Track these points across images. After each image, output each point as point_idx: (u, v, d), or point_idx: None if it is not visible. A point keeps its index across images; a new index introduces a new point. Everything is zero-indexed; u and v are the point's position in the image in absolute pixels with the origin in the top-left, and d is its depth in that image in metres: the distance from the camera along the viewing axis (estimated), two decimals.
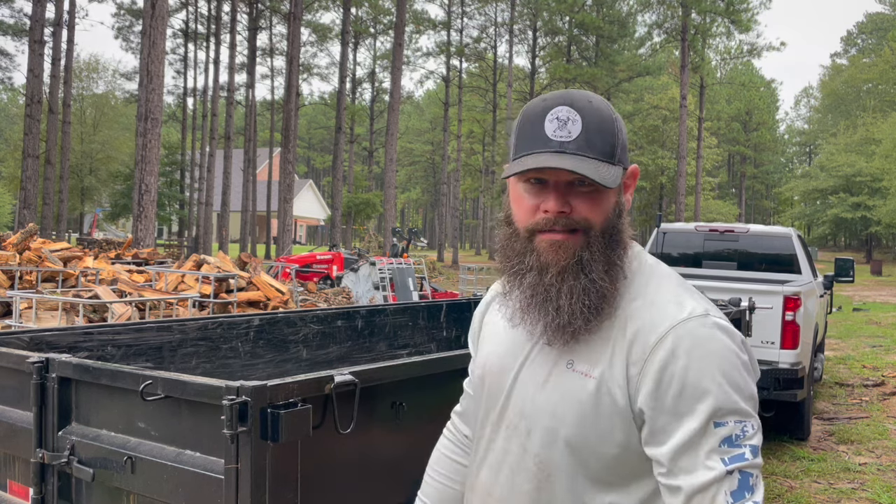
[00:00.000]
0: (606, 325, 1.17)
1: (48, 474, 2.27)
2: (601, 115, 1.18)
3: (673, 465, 1.09)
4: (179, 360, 3.43)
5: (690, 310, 1.14)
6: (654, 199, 48.76)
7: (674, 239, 7.97)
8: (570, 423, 1.16)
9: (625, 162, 1.21)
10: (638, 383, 1.12)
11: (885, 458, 6.19)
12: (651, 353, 1.11)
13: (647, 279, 1.21)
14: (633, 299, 1.18)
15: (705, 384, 1.09)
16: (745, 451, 1.08)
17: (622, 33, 41.32)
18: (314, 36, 45.30)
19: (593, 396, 1.14)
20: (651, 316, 1.15)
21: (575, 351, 1.18)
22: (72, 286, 8.25)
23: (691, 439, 1.08)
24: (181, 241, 39.47)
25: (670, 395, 1.09)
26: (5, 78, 36.12)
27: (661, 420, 1.10)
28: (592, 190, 1.16)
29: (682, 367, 1.09)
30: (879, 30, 66.70)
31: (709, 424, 1.08)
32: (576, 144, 1.14)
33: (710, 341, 1.11)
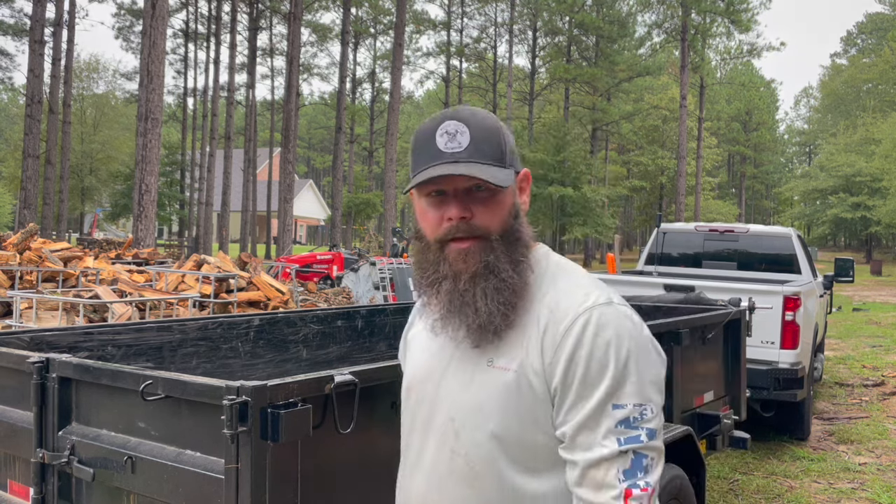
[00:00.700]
0: (520, 321, 1.24)
1: (48, 474, 2.27)
2: (486, 124, 1.27)
3: (572, 441, 1.17)
4: (179, 360, 3.43)
5: (595, 298, 1.23)
6: (654, 199, 48.77)
7: (674, 239, 7.97)
8: (495, 416, 1.22)
9: (516, 166, 1.32)
10: (552, 370, 1.19)
11: (885, 458, 6.19)
12: (561, 341, 1.19)
13: (556, 274, 1.30)
14: (545, 294, 1.26)
15: (607, 368, 1.16)
16: (640, 434, 1.15)
17: (622, 33, 41.31)
18: (314, 36, 45.30)
19: (514, 388, 1.21)
20: (560, 307, 1.22)
21: (493, 349, 1.25)
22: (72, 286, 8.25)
23: (590, 419, 1.15)
24: (181, 241, 39.47)
25: (577, 378, 1.17)
26: (5, 78, 36.12)
27: (567, 401, 1.18)
28: (489, 195, 1.25)
29: (588, 352, 1.17)
30: (879, 30, 66.68)
31: (607, 406, 1.15)
32: (467, 153, 1.23)
33: (612, 327, 1.19)
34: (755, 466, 5.93)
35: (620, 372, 1.16)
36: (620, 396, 1.16)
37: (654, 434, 1.17)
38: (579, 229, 34.38)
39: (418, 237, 1.32)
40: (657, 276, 7.26)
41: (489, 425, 1.22)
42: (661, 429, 1.19)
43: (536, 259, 1.31)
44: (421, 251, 1.31)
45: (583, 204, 34.16)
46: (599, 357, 1.17)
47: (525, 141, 39.24)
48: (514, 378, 1.21)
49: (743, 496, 5.25)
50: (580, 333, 1.18)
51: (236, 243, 44.86)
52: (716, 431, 4.07)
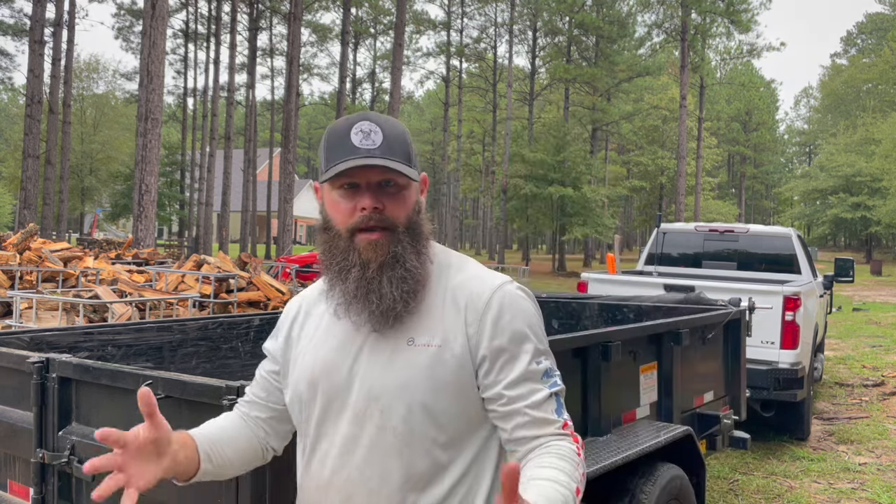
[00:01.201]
0: (432, 302, 1.40)
1: (48, 474, 2.27)
2: (396, 128, 1.40)
3: (511, 393, 1.35)
4: (179, 360, 3.43)
5: (502, 279, 1.42)
6: (654, 199, 48.76)
7: (674, 239, 7.97)
8: (423, 389, 1.34)
9: (418, 167, 1.44)
10: (478, 339, 1.36)
11: (885, 458, 6.19)
12: (483, 313, 1.37)
13: (460, 263, 1.47)
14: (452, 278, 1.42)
15: (526, 332, 1.38)
16: (556, 380, 1.39)
17: (622, 33, 41.29)
18: (314, 36, 45.31)
19: (439, 360, 1.35)
20: (476, 286, 1.40)
21: (411, 330, 1.38)
22: (72, 286, 8.25)
23: (524, 374, 1.36)
24: (181, 242, 39.47)
25: (505, 341, 1.36)
26: (5, 78, 36.15)
27: (498, 363, 1.36)
28: (397, 191, 1.38)
29: (509, 319, 1.37)
30: (879, 30, 66.69)
31: (532, 363, 1.37)
32: (380, 150, 1.35)
33: (521, 300, 1.41)
34: (755, 466, 5.93)
35: (535, 335, 1.39)
36: (538, 353, 1.38)
37: (560, 379, 1.41)
38: (579, 229, 34.36)
39: (326, 228, 1.42)
40: (657, 276, 7.26)
41: (417, 397, 1.34)
42: None
43: (435, 251, 1.46)
44: (329, 240, 1.41)
45: (583, 204, 34.13)
46: (519, 324, 1.38)
47: (525, 141, 39.23)
48: (437, 352, 1.35)
49: (743, 496, 5.25)
50: (500, 306, 1.37)
51: (236, 243, 44.87)
52: (716, 431, 4.07)
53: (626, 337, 3.22)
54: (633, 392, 3.38)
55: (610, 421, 3.13)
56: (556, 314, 5.19)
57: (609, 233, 35.54)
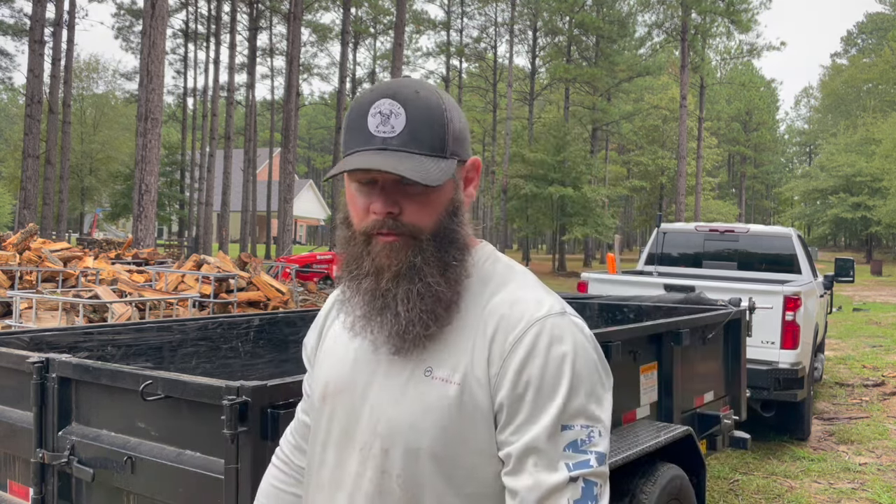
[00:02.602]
0: (462, 326, 1.12)
1: (48, 474, 2.26)
2: (429, 104, 1.11)
3: (518, 465, 1.05)
4: (179, 360, 3.43)
5: (548, 307, 1.10)
6: (654, 199, 48.75)
7: (674, 239, 7.97)
8: (433, 434, 1.08)
9: (460, 154, 1.15)
10: (498, 382, 1.07)
11: (886, 458, 6.19)
12: (510, 352, 1.07)
13: (504, 277, 1.17)
14: (491, 297, 1.13)
15: (559, 384, 1.05)
16: (590, 458, 1.04)
17: (622, 33, 41.27)
18: (314, 36, 45.29)
19: (456, 403, 1.08)
20: (510, 314, 1.10)
21: (432, 357, 1.12)
22: (72, 286, 8.25)
23: (538, 440, 1.03)
24: (181, 241, 39.47)
25: (527, 394, 1.05)
26: (5, 78, 36.15)
27: (516, 420, 1.06)
28: (422, 190, 1.10)
29: (539, 365, 1.05)
30: (879, 30, 66.68)
31: (556, 426, 1.03)
32: (399, 140, 1.08)
33: (568, 341, 1.07)
34: (755, 466, 5.93)
35: (573, 389, 1.05)
36: (570, 416, 1.04)
37: (602, 459, 1.06)
38: (579, 229, 34.35)
39: (346, 224, 1.19)
40: (657, 276, 7.26)
41: (426, 444, 1.09)
42: (608, 453, 1.08)
43: (478, 260, 1.18)
44: (347, 241, 1.18)
45: (583, 204, 34.12)
46: (552, 372, 1.05)
47: (525, 141, 39.22)
48: (457, 391, 1.08)
49: (743, 496, 5.25)
50: (532, 344, 1.06)
51: (236, 243, 44.86)
52: (716, 431, 4.07)
53: (626, 337, 3.22)
54: (633, 392, 3.37)
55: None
56: None
57: (609, 233, 35.53)
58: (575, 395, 1.05)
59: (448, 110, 1.13)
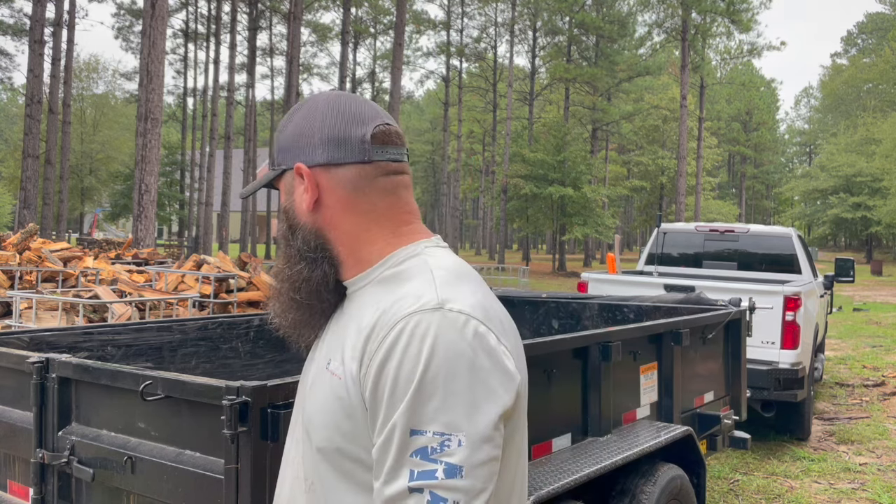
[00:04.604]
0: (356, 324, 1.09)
1: (48, 474, 2.26)
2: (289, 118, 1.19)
3: (375, 469, 0.99)
4: (179, 360, 3.43)
5: (423, 302, 1.01)
6: (655, 199, 48.75)
7: (674, 239, 7.97)
8: (319, 428, 1.07)
9: (283, 162, 1.16)
10: (365, 381, 1.02)
11: (886, 458, 6.19)
12: (376, 351, 1.00)
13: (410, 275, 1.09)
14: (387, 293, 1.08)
15: (412, 386, 0.95)
16: (436, 469, 0.93)
17: (622, 33, 41.27)
18: (314, 36, 45.31)
19: (337, 397, 1.05)
20: (389, 311, 1.03)
21: (333, 349, 1.11)
22: (72, 286, 8.25)
23: (386, 444, 0.97)
24: (181, 241, 39.48)
25: (385, 394, 0.98)
26: (5, 78, 36.15)
27: (377, 421, 0.99)
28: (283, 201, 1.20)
29: (397, 364, 0.97)
30: (879, 30, 66.69)
31: (406, 430, 0.95)
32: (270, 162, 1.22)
33: (431, 337, 0.97)
34: (755, 466, 5.93)
35: (425, 391, 0.95)
36: (421, 421, 0.95)
37: (455, 471, 0.93)
38: (579, 229, 34.35)
39: None
40: (657, 276, 7.26)
41: (314, 437, 1.09)
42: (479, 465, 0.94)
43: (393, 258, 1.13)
44: None
45: (583, 204, 34.12)
46: (407, 371, 0.96)
47: (525, 141, 39.23)
48: (338, 385, 1.05)
49: (743, 496, 5.25)
50: (393, 343, 0.99)
51: (236, 243, 44.87)
52: (716, 431, 4.07)
53: (626, 337, 3.22)
54: (634, 392, 3.37)
55: (610, 421, 3.13)
56: (556, 314, 5.19)
57: (609, 233, 35.55)
58: (429, 398, 0.95)
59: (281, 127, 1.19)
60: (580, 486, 2.60)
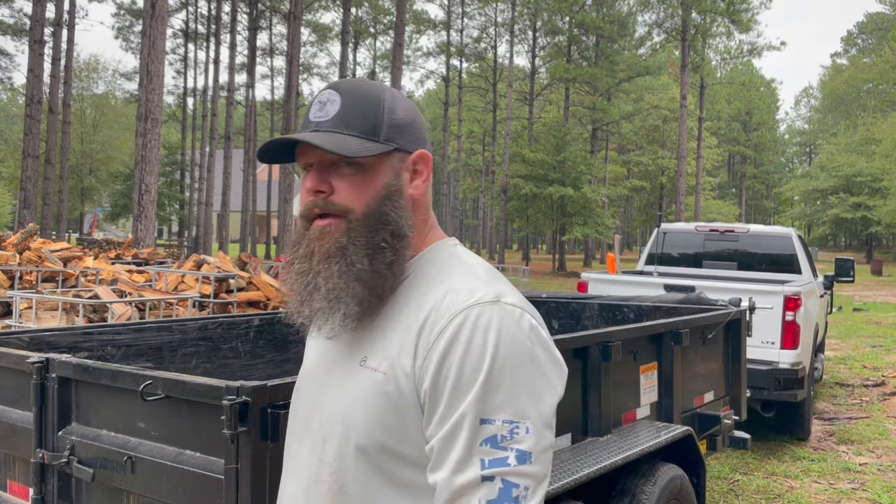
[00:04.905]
0: (398, 318, 1.10)
1: (48, 474, 2.26)
2: (367, 94, 1.15)
3: (437, 460, 1.00)
4: (179, 360, 3.43)
5: (480, 295, 1.04)
6: (654, 199, 48.76)
7: (674, 239, 7.97)
8: (360, 426, 1.06)
9: (401, 143, 1.15)
10: (422, 374, 1.03)
11: (886, 458, 6.19)
12: (435, 341, 1.02)
13: (451, 271, 1.13)
14: (431, 291, 1.10)
15: (478, 375, 0.98)
16: (508, 456, 0.96)
17: (622, 33, 41.27)
18: (314, 36, 45.31)
19: (383, 393, 1.05)
20: (442, 304, 1.06)
21: (368, 347, 1.10)
22: (72, 286, 8.25)
23: (454, 434, 0.98)
24: (181, 241, 39.49)
25: (447, 386, 1.00)
26: (5, 78, 36.15)
27: (437, 413, 1.01)
28: (354, 171, 1.12)
29: (459, 356, 1.00)
30: (879, 30, 66.69)
31: (475, 420, 0.97)
32: (331, 123, 1.12)
33: (494, 329, 1.01)
34: (755, 466, 5.93)
35: (493, 381, 0.98)
36: (490, 410, 0.97)
37: (525, 457, 0.97)
38: (579, 229, 34.36)
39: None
40: (657, 276, 7.26)
41: (353, 435, 1.07)
42: (544, 450, 0.99)
43: (433, 255, 1.16)
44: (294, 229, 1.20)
45: (583, 204, 34.13)
46: (474, 362, 0.99)
47: (525, 141, 39.23)
48: (382, 381, 1.06)
49: (743, 496, 5.25)
50: (454, 334, 1.01)
51: (236, 243, 44.87)
52: (716, 431, 4.07)
53: (626, 337, 3.22)
54: (634, 392, 3.37)
55: (610, 421, 3.13)
56: (556, 314, 5.19)
57: (609, 233, 35.55)
58: (496, 388, 0.98)
59: (388, 101, 1.16)
60: (580, 486, 2.60)
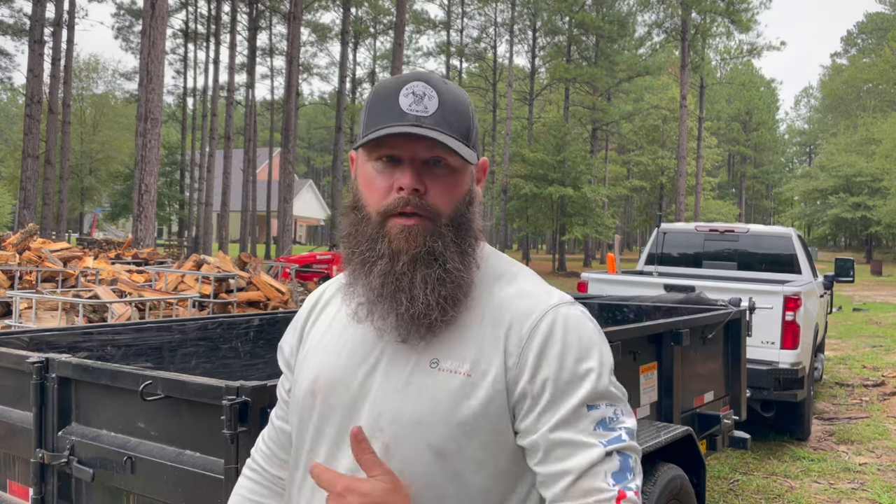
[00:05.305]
0: (469, 318, 1.11)
1: (48, 474, 2.26)
2: (457, 95, 1.14)
3: (550, 450, 1.05)
4: (179, 360, 3.43)
5: (559, 297, 1.14)
6: (654, 199, 48.76)
7: (674, 239, 7.97)
8: (439, 429, 1.06)
9: (478, 150, 1.18)
10: (517, 372, 1.07)
11: (886, 458, 6.19)
12: (528, 340, 1.08)
13: (512, 272, 1.18)
14: (500, 291, 1.14)
15: (580, 368, 1.08)
16: (621, 433, 1.07)
17: (622, 33, 41.27)
18: (314, 36, 45.31)
19: (465, 395, 1.06)
20: (524, 305, 1.11)
21: (438, 348, 1.10)
22: (72, 286, 8.24)
23: (567, 422, 1.05)
24: (181, 241, 39.48)
25: (550, 381, 1.06)
26: (5, 78, 36.13)
27: (539, 406, 1.06)
28: (447, 173, 1.11)
29: (559, 351, 1.08)
30: (879, 30, 66.70)
31: (582, 408, 1.06)
32: (433, 119, 1.09)
33: (581, 327, 1.11)
34: (755, 466, 5.93)
35: (594, 371, 1.08)
36: (595, 397, 1.07)
37: (632, 434, 1.08)
38: (579, 229, 34.36)
39: (356, 207, 1.15)
40: (657, 276, 7.26)
41: (429, 438, 1.06)
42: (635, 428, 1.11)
43: (485, 254, 1.19)
44: (357, 223, 1.14)
45: (583, 204, 34.13)
46: (572, 357, 1.07)
47: (525, 141, 39.22)
48: (465, 382, 1.07)
49: (743, 496, 5.25)
50: (549, 331, 1.08)
51: (236, 243, 44.84)
52: (716, 431, 4.07)
53: (626, 337, 3.22)
54: (633, 392, 3.37)
55: None
56: None
57: (609, 233, 35.54)
58: (597, 378, 1.08)
59: (471, 106, 1.17)
60: None
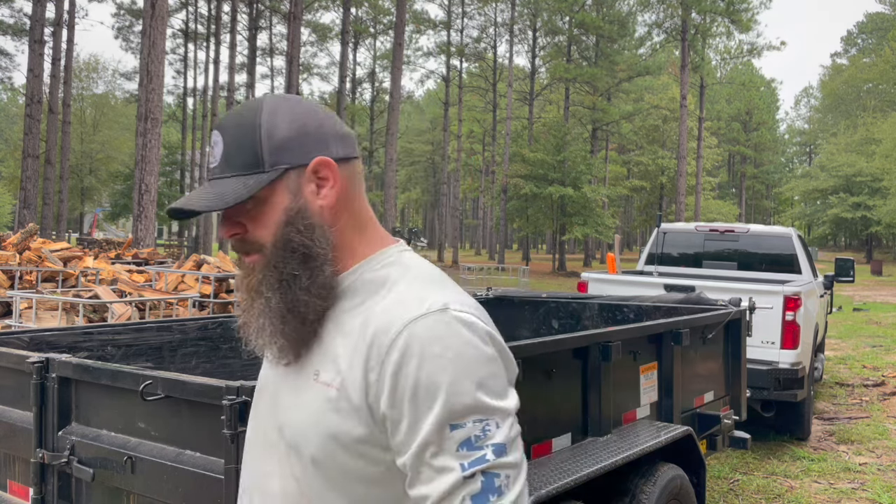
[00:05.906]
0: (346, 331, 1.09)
1: (48, 474, 2.26)
2: (242, 124, 1.11)
3: (413, 475, 1.01)
4: (179, 360, 3.43)
5: (429, 305, 1.04)
6: (654, 199, 48.78)
7: (674, 239, 7.97)
8: (314, 441, 1.06)
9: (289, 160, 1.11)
10: (378, 389, 1.03)
11: (886, 458, 6.19)
12: (386, 355, 1.02)
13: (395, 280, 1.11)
14: (377, 302, 1.09)
15: (438, 384, 0.99)
16: (485, 453, 0.98)
17: (622, 33, 41.29)
18: (314, 36, 45.33)
19: (335, 408, 1.05)
20: (389, 316, 1.05)
21: (318, 359, 1.10)
22: (72, 286, 8.25)
23: (426, 445, 0.99)
24: (181, 241, 39.50)
25: (406, 399, 1.00)
26: (5, 78, 36.16)
27: (402, 428, 1.01)
28: (254, 206, 1.11)
29: (415, 367, 1.00)
30: (879, 30, 66.71)
31: (444, 428, 0.99)
32: (219, 168, 1.12)
33: (446, 337, 1.01)
34: (755, 466, 5.93)
35: (455, 386, 0.99)
36: (458, 415, 0.99)
37: (502, 449, 1.00)
38: (579, 229, 34.37)
39: None
40: (657, 276, 7.26)
41: (308, 449, 1.07)
42: (515, 439, 1.02)
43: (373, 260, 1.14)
44: None
45: (583, 204, 34.14)
46: (431, 372, 0.99)
47: (525, 141, 39.23)
48: (335, 396, 1.05)
49: (743, 496, 5.25)
50: (406, 345, 1.01)
51: None
52: (716, 431, 4.07)
53: (626, 337, 3.22)
54: (634, 392, 3.37)
55: (610, 421, 3.13)
56: (556, 314, 5.19)
57: (609, 233, 35.56)
58: (459, 393, 0.99)
59: (266, 122, 1.10)
60: (580, 486, 2.60)
